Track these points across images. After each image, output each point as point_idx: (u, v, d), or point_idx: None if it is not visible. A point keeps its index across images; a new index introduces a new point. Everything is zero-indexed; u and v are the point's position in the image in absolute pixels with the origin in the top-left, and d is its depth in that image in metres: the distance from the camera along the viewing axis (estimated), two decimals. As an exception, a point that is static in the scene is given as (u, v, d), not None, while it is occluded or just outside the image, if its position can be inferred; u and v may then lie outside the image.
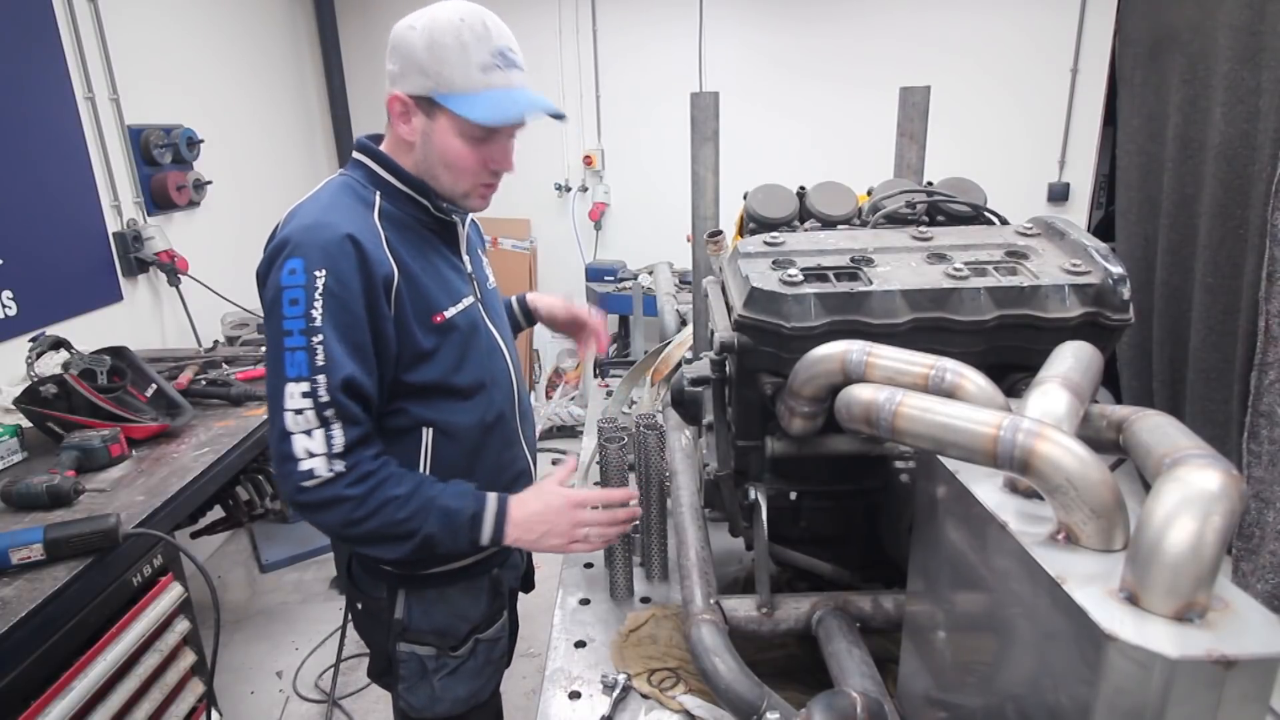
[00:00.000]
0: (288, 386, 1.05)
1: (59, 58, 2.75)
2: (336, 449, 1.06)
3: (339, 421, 1.06)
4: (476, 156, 1.15)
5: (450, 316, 1.19)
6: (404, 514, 1.10)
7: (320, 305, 1.04)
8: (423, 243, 1.20)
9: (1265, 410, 1.55)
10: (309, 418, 1.05)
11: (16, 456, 1.94)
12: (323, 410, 1.05)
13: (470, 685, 1.33)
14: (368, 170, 1.19)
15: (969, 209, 1.22)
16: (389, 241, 1.12)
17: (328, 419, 1.06)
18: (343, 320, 1.06)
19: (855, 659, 0.95)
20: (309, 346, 1.05)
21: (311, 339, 1.04)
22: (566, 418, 4.65)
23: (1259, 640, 0.49)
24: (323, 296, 1.04)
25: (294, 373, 1.05)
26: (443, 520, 1.12)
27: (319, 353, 1.05)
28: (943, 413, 0.69)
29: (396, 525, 1.10)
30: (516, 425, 1.35)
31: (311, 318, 1.04)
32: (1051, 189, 4.37)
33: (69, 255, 2.75)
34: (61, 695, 1.37)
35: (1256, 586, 1.57)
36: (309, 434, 1.05)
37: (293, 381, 1.05)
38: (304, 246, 1.06)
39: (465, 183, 1.18)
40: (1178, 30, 2.24)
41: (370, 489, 1.09)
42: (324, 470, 1.06)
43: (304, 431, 1.05)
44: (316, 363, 1.05)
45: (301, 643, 2.89)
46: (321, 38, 4.70)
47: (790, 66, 4.53)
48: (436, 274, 1.19)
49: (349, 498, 1.08)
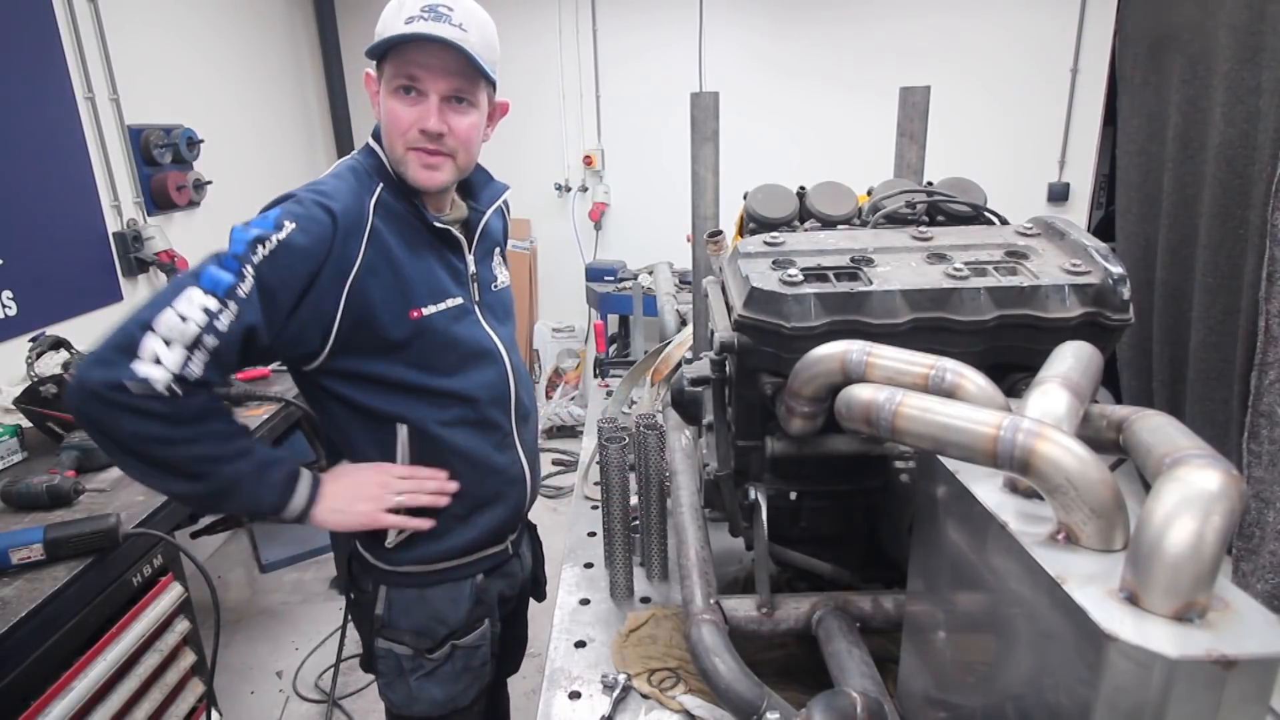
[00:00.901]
0: (191, 290, 0.99)
1: (59, 58, 2.75)
2: (187, 376, 0.99)
3: (210, 355, 1.00)
4: (405, 115, 1.13)
5: (427, 315, 1.18)
6: (223, 450, 1.06)
7: (271, 248, 1.03)
8: (415, 236, 1.19)
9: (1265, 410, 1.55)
10: (187, 332, 0.97)
11: (16, 456, 1.94)
12: (206, 335, 0.98)
13: (447, 689, 1.32)
14: (376, 160, 1.20)
15: (969, 209, 1.22)
16: (375, 230, 1.13)
17: (200, 344, 0.98)
18: (282, 275, 1.04)
19: (855, 659, 0.95)
20: (241, 271, 1.01)
21: (245, 268, 1.01)
22: (566, 418, 4.65)
23: (1259, 640, 0.49)
24: (279, 243, 1.03)
25: (213, 286, 0.99)
26: (257, 466, 1.10)
27: (247, 282, 1.01)
28: (943, 413, 0.69)
29: (206, 462, 1.05)
30: (512, 430, 1.34)
31: (257, 253, 1.02)
32: (1051, 189, 4.37)
33: (69, 255, 2.76)
34: (61, 695, 1.37)
35: (1256, 586, 1.57)
36: (169, 344, 0.97)
37: (207, 293, 0.99)
38: (289, 203, 1.08)
39: (399, 145, 1.15)
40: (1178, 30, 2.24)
41: (198, 413, 1.03)
42: (161, 386, 0.97)
43: (165, 339, 0.97)
44: (239, 292, 1.00)
45: (301, 643, 2.89)
46: (321, 38, 4.70)
47: (790, 66, 4.53)
48: (424, 270, 1.19)
49: (170, 416, 1.00)
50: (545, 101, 4.79)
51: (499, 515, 1.33)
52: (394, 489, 1.20)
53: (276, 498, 1.13)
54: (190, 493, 1.08)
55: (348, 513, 1.19)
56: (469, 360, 1.25)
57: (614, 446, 1.28)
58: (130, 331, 0.98)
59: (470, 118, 1.18)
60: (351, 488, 1.20)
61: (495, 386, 1.29)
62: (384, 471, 1.21)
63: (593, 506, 1.64)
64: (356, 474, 1.21)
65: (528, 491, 1.38)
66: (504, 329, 1.34)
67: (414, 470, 1.23)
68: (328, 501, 1.18)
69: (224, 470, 1.08)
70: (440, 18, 1.10)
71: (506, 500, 1.34)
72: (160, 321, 0.98)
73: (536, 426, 1.46)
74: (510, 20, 4.56)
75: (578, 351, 5.10)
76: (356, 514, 1.19)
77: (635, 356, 3.11)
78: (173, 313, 0.98)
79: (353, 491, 1.19)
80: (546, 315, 5.24)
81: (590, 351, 4.94)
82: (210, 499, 1.11)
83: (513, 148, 4.43)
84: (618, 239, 5.06)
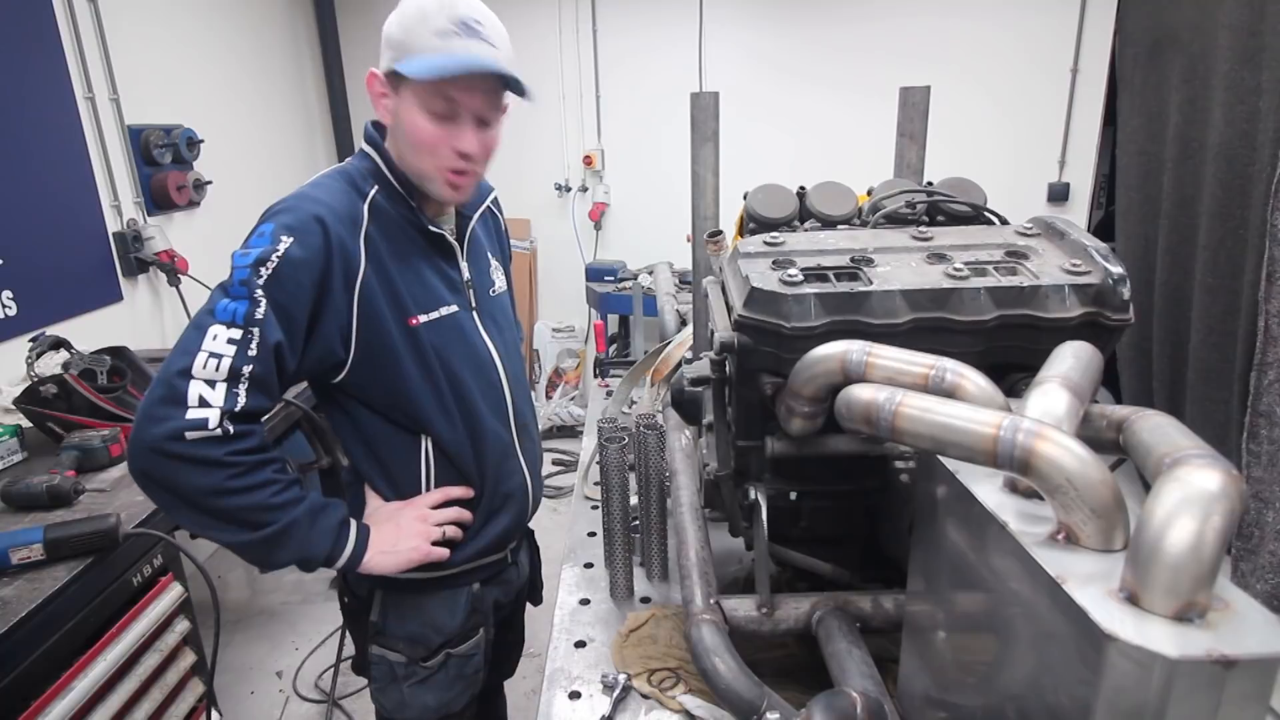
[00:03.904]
0: (214, 327, 1.00)
1: (59, 58, 2.75)
2: (235, 409, 1.01)
3: (250, 383, 1.02)
4: (438, 135, 1.11)
5: (423, 323, 1.18)
6: (280, 499, 1.08)
7: (274, 266, 1.03)
8: (409, 243, 1.19)
9: (1265, 410, 1.55)
10: (222, 367, 1.00)
11: (16, 456, 1.94)
12: (242, 366, 1.01)
13: (440, 696, 1.31)
14: (371, 164, 1.19)
15: (969, 209, 1.22)
16: (368, 234, 1.12)
17: (240, 375, 1.01)
18: (289, 290, 1.04)
19: (855, 659, 0.95)
20: (253, 297, 1.01)
21: (255, 292, 1.02)
22: (566, 418, 4.65)
23: (1259, 640, 0.49)
24: (280, 260, 1.03)
25: (230, 317, 1.01)
26: (309, 513, 1.11)
27: (261, 306, 1.02)
28: (943, 413, 0.69)
29: (263, 510, 1.07)
30: (512, 439, 1.33)
31: (261, 275, 1.02)
32: (1051, 189, 4.37)
33: (69, 255, 2.75)
34: (61, 695, 1.37)
35: (1256, 586, 1.57)
36: (212, 385, 1.00)
37: (228, 326, 1.00)
38: (283, 213, 1.08)
39: (427, 163, 1.14)
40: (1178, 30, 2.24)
41: (256, 463, 1.06)
42: (215, 426, 0.99)
43: (208, 381, 1.00)
44: (256, 315, 1.01)
45: (301, 643, 2.89)
46: (321, 38, 4.70)
47: (790, 66, 4.53)
48: (416, 276, 1.18)
49: (230, 464, 1.02)
50: (545, 101, 4.79)
51: (501, 525, 1.33)
52: (433, 520, 1.21)
53: (330, 546, 1.14)
54: (248, 541, 1.09)
55: (397, 553, 1.19)
56: (466, 369, 1.24)
57: (614, 446, 1.27)
58: (172, 384, 1.00)
59: (495, 130, 1.19)
60: (394, 530, 1.20)
61: (495, 396, 1.29)
62: (416, 505, 1.21)
63: (593, 506, 1.64)
64: (395, 514, 1.22)
65: (529, 501, 1.38)
66: (502, 337, 1.33)
67: (443, 494, 1.24)
68: (376, 546, 1.18)
69: (280, 518, 1.08)
70: (474, 34, 1.08)
71: (509, 510, 1.33)
72: (196, 366, 1.00)
73: (538, 436, 1.46)
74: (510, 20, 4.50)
75: (578, 351, 5.10)
76: (405, 553, 1.19)
77: (635, 356, 3.11)
78: (205, 355, 1.00)
79: (396, 532, 1.19)
80: (546, 315, 5.24)
81: (590, 351, 4.95)
82: (266, 547, 1.11)
83: (513, 148, 4.42)
84: (618, 239, 5.06)
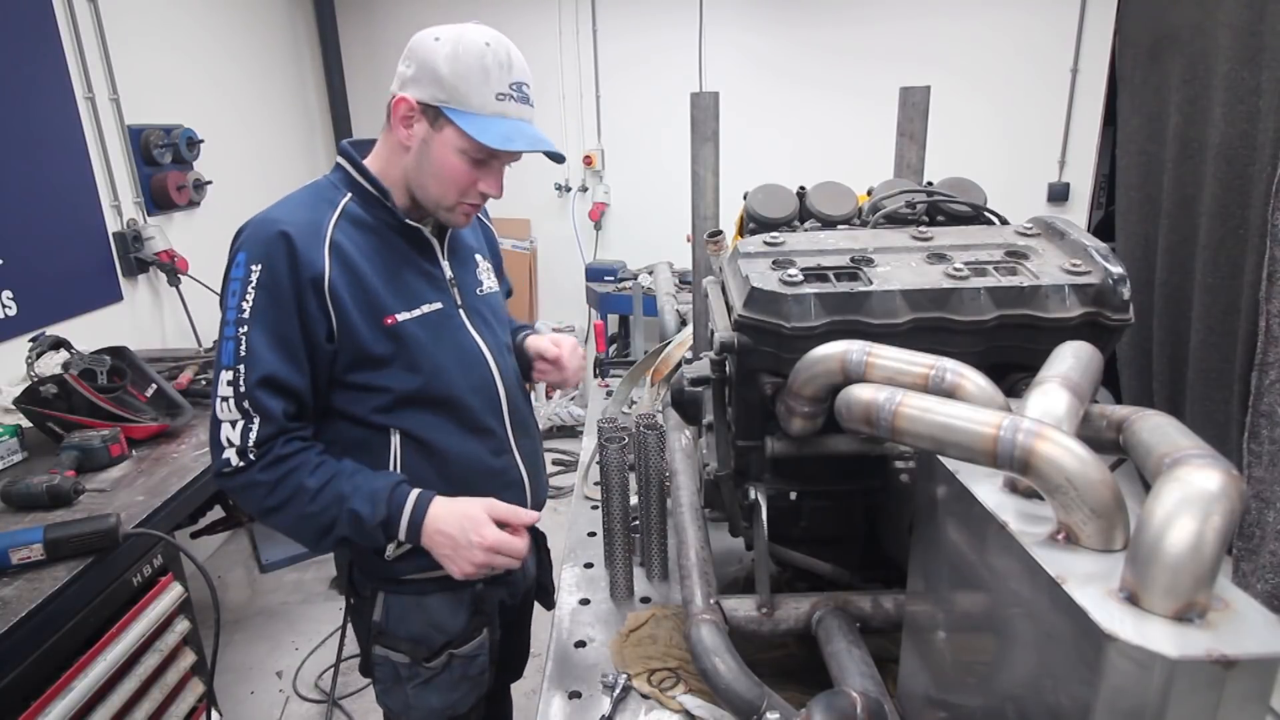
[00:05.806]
0: (222, 374, 1.10)
1: (59, 58, 2.75)
2: (250, 443, 1.10)
3: (256, 416, 1.10)
4: (470, 176, 1.17)
5: (402, 321, 1.18)
6: (315, 508, 1.13)
7: (252, 298, 1.09)
8: (386, 246, 1.20)
9: (1265, 410, 1.55)
10: (231, 408, 1.10)
11: (16, 456, 1.94)
12: (242, 402, 1.09)
13: (445, 698, 1.31)
14: (344, 173, 1.22)
15: (969, 209, 1.22)
16: (336, 242, 1.14)
17: (247, 411, 1.10)
18: (272, 315, 1.09)
19: (855, 659, 0.95)
20: (237, 337, 1.09)
21: (239, 329, 1.09)
22: (566, 418, 4.65)
23: (1259, 640, 0.49)
24: (255, 289, 1.09)
25: (226, 361, 1.10)
26: (352, 524, 1.14)
27: (243, 344, 1.09)
28: (943, 413, 0.69)
29: (310, 519, 1.13)
30: (507, 435, 1.33)
31: (242, 309, 1.09)
32: (1051, 189, 4.37)
33: (69, 255, 2.75)
34: (61, 695, 1.37)
35: (1256, 586, 1.57)
36: (232, 424, 1.10)
37: (225, 369, 1.10)
38: (249, 240, 1.12)
39: (451, 197, 1.19)
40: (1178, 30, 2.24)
41: (280, 476, 1.12)
42: (237, 460, 1.10)
43: (229, 421, 1.10)
44: (240, 353, 1.09)
45: (301, 643, 2.89)
46: (321, 38, 4.70)
47: (790, 67, 4.53)
48: (394, 277, 1.19)
49: (260, 483, 1.11)
50: (545, 102, 4.78)
51: None
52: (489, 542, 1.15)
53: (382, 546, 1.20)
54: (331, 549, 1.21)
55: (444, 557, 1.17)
56: (454, 365, 1.24)
57: (614, 446, 1.28)
58: (213, 429, 1.12)
59: None
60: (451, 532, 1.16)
61: (488, 393, 1.29)
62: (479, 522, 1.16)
63: (593, 506, 1.64)
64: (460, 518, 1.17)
65: (527, 499, 1.37)
66: (493, 334, 1.33)
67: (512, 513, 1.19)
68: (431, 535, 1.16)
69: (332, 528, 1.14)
70: (525, 98, 1.17)
71: None
72: (219, 410, 1.11)
73: (538, 435, 1.45)
74: (511, 20, 4.56)
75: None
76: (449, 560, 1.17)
77: (635, 356, 3.11)
78: (219, 401, 1.11)
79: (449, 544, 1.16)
80: (546, 315, 5.24)
81: (590, 351, 4.94)
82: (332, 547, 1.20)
83: (513, 148, 4.42)
84: (618, 239, 5.06)
